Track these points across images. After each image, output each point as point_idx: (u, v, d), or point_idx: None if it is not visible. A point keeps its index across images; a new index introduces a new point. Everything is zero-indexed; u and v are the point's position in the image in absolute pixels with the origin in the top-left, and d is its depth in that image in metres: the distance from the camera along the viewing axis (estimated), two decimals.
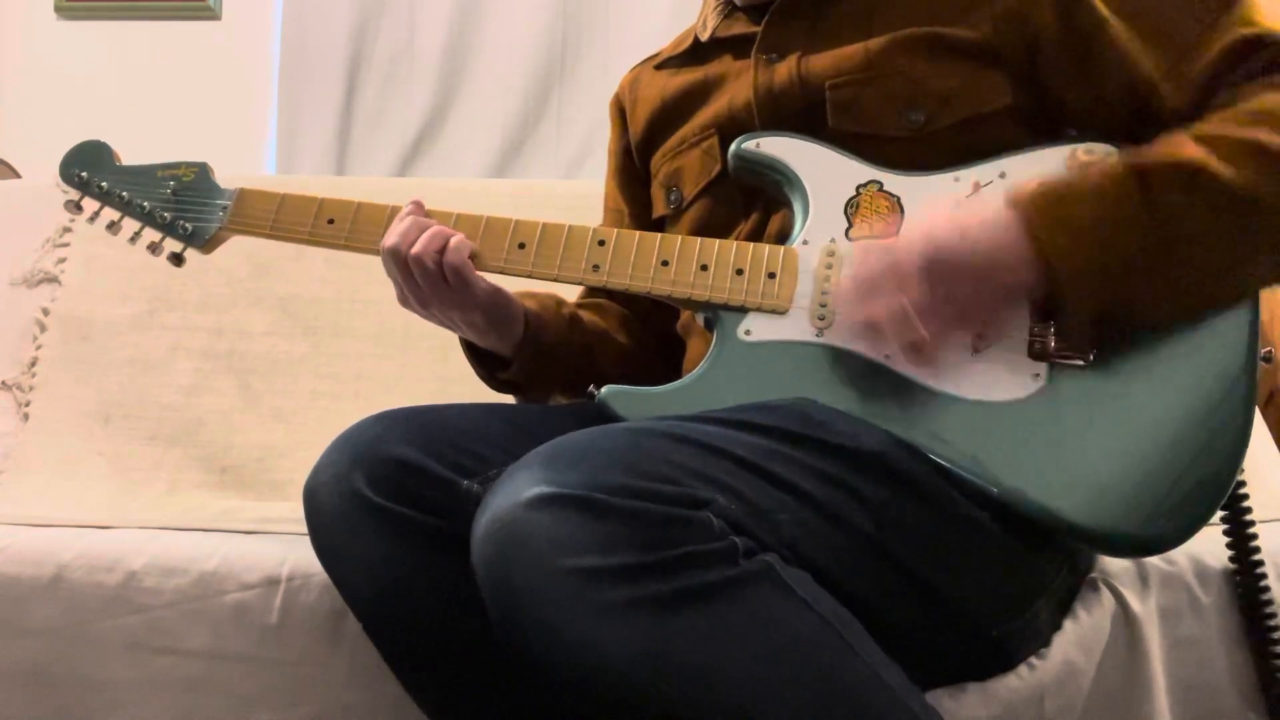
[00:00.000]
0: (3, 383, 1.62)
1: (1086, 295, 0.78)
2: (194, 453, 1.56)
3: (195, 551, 1.00)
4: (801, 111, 0.94)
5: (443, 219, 0.96)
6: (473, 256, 0.93)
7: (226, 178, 1.06)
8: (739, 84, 0.98)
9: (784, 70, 0.95)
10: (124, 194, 1.05)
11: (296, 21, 2.31)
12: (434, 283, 0.93)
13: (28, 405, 1.60)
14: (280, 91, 2.31)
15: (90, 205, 1.07)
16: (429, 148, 2.27)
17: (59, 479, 1.52)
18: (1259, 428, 1.43)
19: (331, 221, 0.99)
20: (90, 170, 1.07)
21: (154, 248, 1.04)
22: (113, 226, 1.06)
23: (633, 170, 1.14)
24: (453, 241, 0.92)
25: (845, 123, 0.92)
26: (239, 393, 1.60)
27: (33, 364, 1.63)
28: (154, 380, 1.61)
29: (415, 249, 0.92)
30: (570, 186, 1.83)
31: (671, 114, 1.05)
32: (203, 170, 1.05)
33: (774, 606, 0.67)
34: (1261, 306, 0.82)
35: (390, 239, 0.94)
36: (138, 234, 1.05)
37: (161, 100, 2.33)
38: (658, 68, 1.10)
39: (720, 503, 0.68)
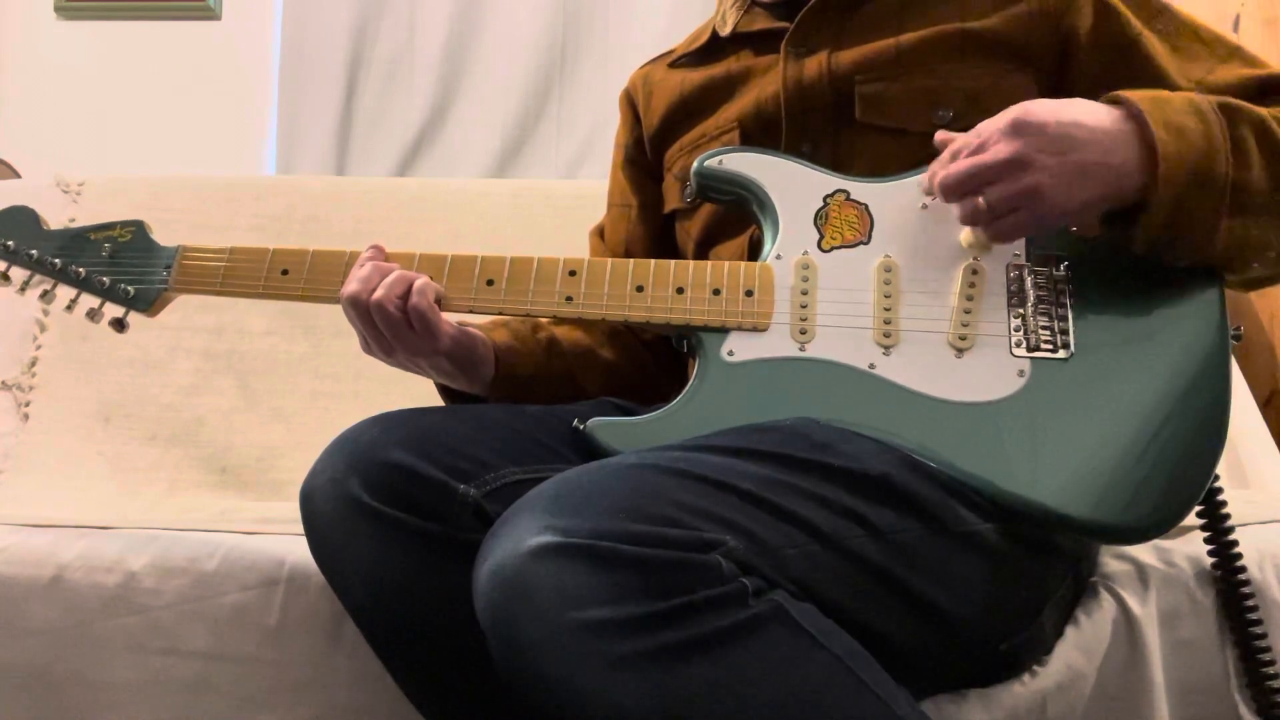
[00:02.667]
0: (3, 383, 1.62)
1: (1172, 196, 0.79)
2: (194, 453, 1.56)
3: (195, 552, 1.00)
4: (830, 106, 0.94)
5: (404, 261, 0.93)
6: (439, 299, 0.91)
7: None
8: (766, 79, 0.98)
9: (814, 65, 0.95)
10: (55, 260, 0.99)
11: (296, 21, 2.31)
12: (398, 329, 0.90)
13: (28, 405, 1.60)
14: (280, 91, 2.31)
15: (19, 275, 1.00)
16: (429, 148, 2.27)
17: (59, 479, 1.52)
18: (1259, 428, 1.43)
19: (286, 272, 0.95)
20: (17, 239, 1.00)
21: (93, 314, 0.99)
22: (45, 296, 1.00)
23: (642, 162, 1.13)
24: (417, 284, 0.89)
25: (873, 117, 0.93)
26: (239, 393, 1.60)
27: (33, 364, 1.63)
28: (154, 380, 1.61)
29: (377, 295, 0.89)
30: (570, 186, 1.83)
31: (691, 108, 1.05)
32: (139, 229, 1.00)
33: (785, 647, 0.66)
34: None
35: (351, 286, 0.90)
36: (74, 301, 0.99)
37: (161, 100, 2.33)
38: (672, 65, 1.10)
39: (729, 543, 0.67)
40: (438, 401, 1.05)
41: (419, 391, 1.07)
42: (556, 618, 0.63)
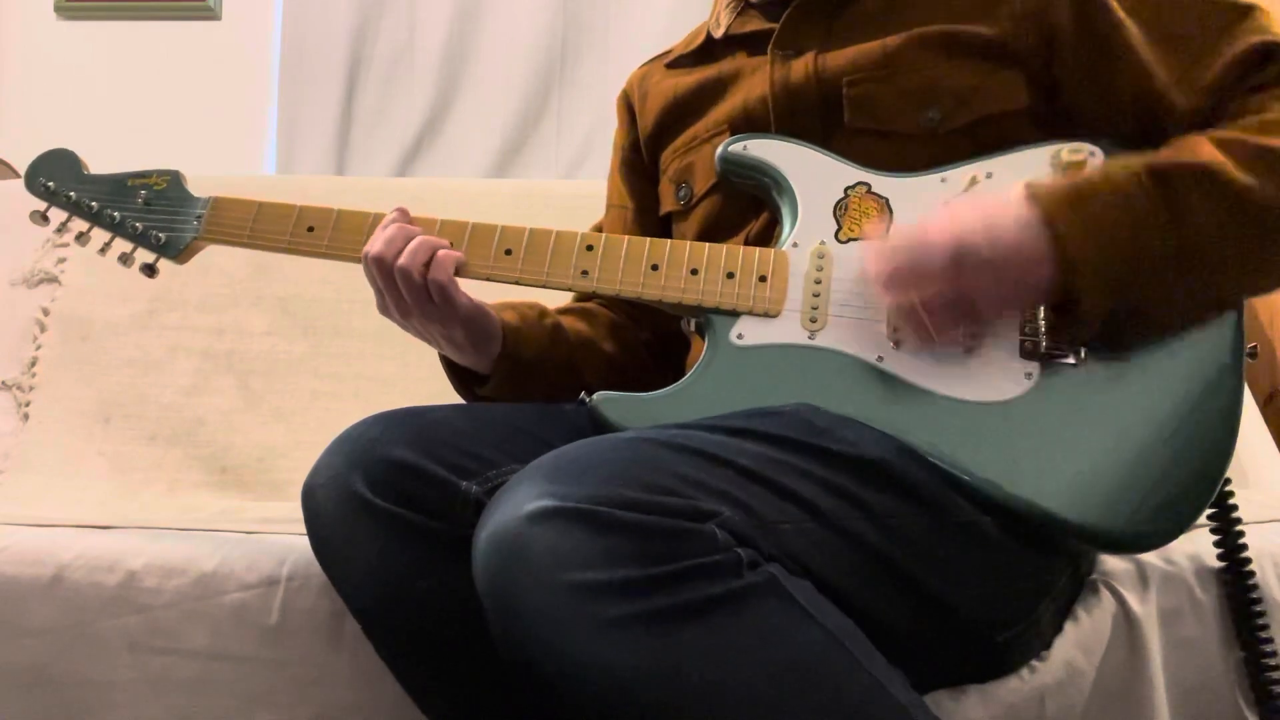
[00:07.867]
0: (3, 383, 1.62)
1: (1103, 296, 0.78)
2: (194, 453, 1.56)
3: (195, 552, 1.00)
4: (818, 108, 0.94)
5: (426, 225, 0.94)
6: (458, 268, 0.92)
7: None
8: (755, 80, 0.98)
9: (800, 66, 0.95)
10: (93, 204, 1.02)
11: (296, 21, 2.31)
12: (419, 297, 0.91)
13: (28, 405, 1.60)
14: (280, 91, 2.31)
15: (57, 216, 1.04)
16: (429, 148, 2.27)
17: (59, 479, 1.52)
18: (1259, 428, 1.43)
19: (311, 229, 0.97)
20: (57, 180, 1.03)
21: (125, 259, 1.02)
22: (81, 238, 1.03)
23: (639, 165, 1.13)
24: (439, 255, 0.91)
25: (862, 119, 0.92)
26: (239, 393, 1.60)
27: (33, 364, 1.63)
28: (154, 380, 1.61)
29: (401, 260, 0.90)
30: (570, 186, 1.83)
31: (684, 110, 1.05)
32: (175, 178, 1.03)
33: (778, 619, 0.66)
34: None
35: (375, 246, 0.92)
36: (108, 245, 1.03)
37: (161, 100, 2.33)
38: (669, 66, 1.10)
39: (724, 514, 0.67)
40: (438, 402, 1.05)
41: (419, 392, 1.08)
42: (551, 579, 0.63)
